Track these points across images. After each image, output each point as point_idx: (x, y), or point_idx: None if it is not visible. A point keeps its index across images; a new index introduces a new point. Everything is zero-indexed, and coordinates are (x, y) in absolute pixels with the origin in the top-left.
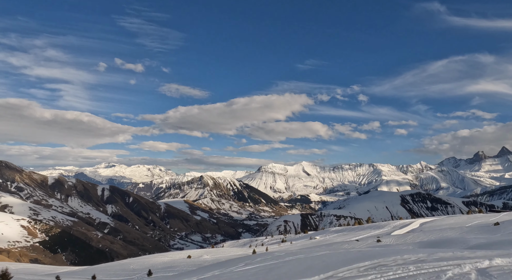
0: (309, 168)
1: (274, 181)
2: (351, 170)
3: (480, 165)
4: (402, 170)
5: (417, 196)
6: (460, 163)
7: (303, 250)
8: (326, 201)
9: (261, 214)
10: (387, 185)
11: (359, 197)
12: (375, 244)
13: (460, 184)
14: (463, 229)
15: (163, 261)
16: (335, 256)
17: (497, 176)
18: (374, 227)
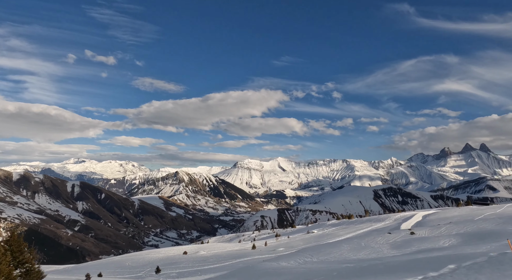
0: (284, 164)
1: (250, 176)
2: (325, 165)
3: (446, 161)
4: (374, 166)
5: (389, 190)
6: (428, 159)
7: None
8: (301, 196)
9: (237, 209)
10: (359, 180)
11: (334, 192)
12: (415, 236)
13: (427, 179)
14: (496, 220)
15: (158, 257)
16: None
17: (461, 171)
18: (373, 221)
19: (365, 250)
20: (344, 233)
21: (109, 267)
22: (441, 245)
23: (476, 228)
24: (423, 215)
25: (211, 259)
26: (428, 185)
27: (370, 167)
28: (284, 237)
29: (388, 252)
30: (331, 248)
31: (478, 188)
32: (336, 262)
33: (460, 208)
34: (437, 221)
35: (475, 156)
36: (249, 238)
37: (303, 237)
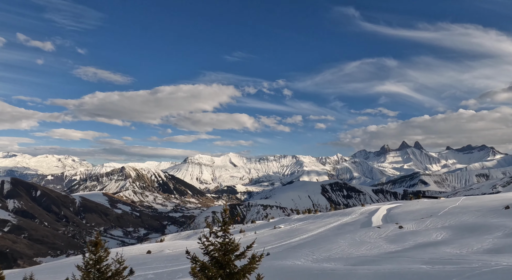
0: (236, 159)
1: (200, 172)
2: (275, 161)
3: (385, 157)
4: (321, 162)
5: (335, 185)
6: (369, 155)
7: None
8: (252, 192)
9: (187, 205)
10: (308, 175)
11: (284, 187)
12: (405, 231)
13: (369, 174)
14: (474, 213)
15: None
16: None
17: (398, 166)
18: (339, 215)
19: (364, 245)
20: (315, 228)
21: (66, 271)
22: (435, 239)
23: (459, 221)
24: (387, 209)
25: (182, 258)
26: (370, 180)
27: (317, 163)
28: (250, 233)
29: (388, 247)
30: (327, 243)
31: (412, 182)
32: (348, 259)
33: (419, 202)
34: (403, 214)
35: (410, 153)
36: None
37: (272, 233)
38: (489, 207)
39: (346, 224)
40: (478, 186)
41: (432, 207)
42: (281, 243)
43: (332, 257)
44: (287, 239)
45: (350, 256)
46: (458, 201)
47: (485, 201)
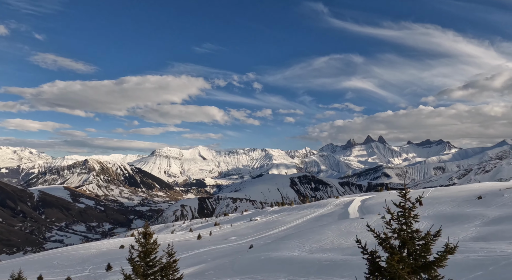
0: (205, 152)
1: (168, 165)
2: (245, 154)
3: (351, 151)
4: (290, 155)
5: (304, 178)
6: (336, 149)
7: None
8: (221, 185)
9: (155, 199)
10: (277, 168)
11: (254, 180)
12: (386, 220)
13: (336, 167)
14: (449, 203)
15: (92, 253)
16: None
17: (363, 160)
18: (315, 206)
19: (351, 236)
20: (292, 220)
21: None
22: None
23: (437, 211)
24: (361, 200)
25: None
26: (336, 173)
27: (286, 156)
28: (226, 225)
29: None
30: (315, 234)
31: (376, 175)
32: (342, 249)
33: (390, 193)
34: (379, 205)
35: (374, 147)
36: (181, 228)
37: (249, 225)
38: (462, 197)
39: (323, 215)
40: (436, 178)
41: (398, 199)
42: (260, 235)
43: (324, 248)
44: (265, 231)
45: (341, 246)
46: (428, 192)
47: (453, 192)
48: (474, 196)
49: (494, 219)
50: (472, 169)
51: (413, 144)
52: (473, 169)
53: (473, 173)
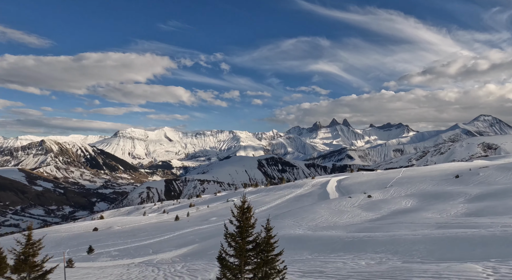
0: (171, 134)
1: (133, 146)
2: (212, 136)
3: (317, 133)
4: (258, 137)
5: (271, 160)
6: (303, 132)
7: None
8: (188, 167)
9: (119, 181)
10: (244, 150)
11: (221, 162)
12: (374, 199)
13: (302, 149)
14: (429, 182)
15: (62, 236)
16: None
17: (328, 142)
18: (291, 187)
19: (344, 214)
20: (272, 200)
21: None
22: (406, 206)
23: (419, 190)
24: (337, 180)
25: (141, 233)
26: (302, 155)
27: (254, 138)
28: (202, 206)
29: (367, 215)
30: (308, 213)
31: (340, 157)
32: (343, 227)
33: (364, 174)
34: (355, 185)
35: (339, 130)
36: (152, 210)
37: (227, 206)
38: (439, 176)
39: (302, 195)
40: (396, 160)
41: (379, 178)
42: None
43: (322, 226)
44: None
45: (337, 224)
46: (400, 173)
47: (425, 171)
48: (447, 175)
49: (476, 196)
50: (429, 151)
51: (375, 127)
52: (430, 151)
53: (429, 155)
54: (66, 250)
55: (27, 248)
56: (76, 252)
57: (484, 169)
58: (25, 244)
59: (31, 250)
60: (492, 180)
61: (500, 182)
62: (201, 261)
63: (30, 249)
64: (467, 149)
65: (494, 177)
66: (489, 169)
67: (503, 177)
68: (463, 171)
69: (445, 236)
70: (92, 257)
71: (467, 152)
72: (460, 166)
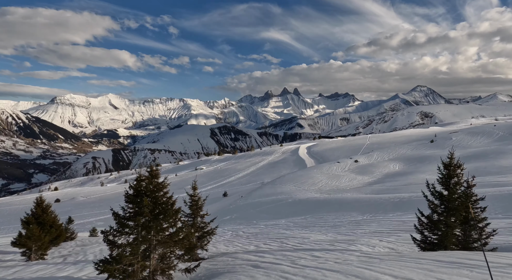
0: (116, 101)
1: (73, 114)
2: (161, 104)
3: (269, 102)
4: (209, 105)
5: (224, 128)
6: (255, 100)
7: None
8: (136, 136)
9: (60, 151)
10: (196, 119)
11: (172, 130)
12: (362, 164)
13: (254, 118)
14: (408, 147)
15: (21, 208)
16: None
17: (279, 111)
18: (261, 154)
19: (341, 178)
20: (245, 167)
21: None
22: (394, 169)
23: (400, 155)
24: (306, 147)
25: (115, 203)
26: (254, 124)
27: (205, 107)
28: (170, 175)
29: (363, 178)
30: (305, 178)
31: (291, 125)
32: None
33: (331, 141)
34: (328, 151)
35: (289, 99)
36: (109, 180)
37: (198, 174)
38: (411, 141)
39: (276, 162)
40: (345, 128)
41: (348, 145)
42: (220, 182)
43: (326, 189)
44: (221, 178)
45: (340, 187)
46: (367, 139)
47: (390, 138)
48: (415, 140)
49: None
50: (374, 120)
51: (323, 96)
52: (375, 120)
53: (375, 123)
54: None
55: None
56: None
57: (455, 134)
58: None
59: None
60: (465, 144)
61: (473, 145)
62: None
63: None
64: (407, 117)
65: (466, 141)
66: (459, 134)
67: (474, 141)
68: (425, 136)
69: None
70: (76, 228)
71: (407, 120)
72: (420, 132)
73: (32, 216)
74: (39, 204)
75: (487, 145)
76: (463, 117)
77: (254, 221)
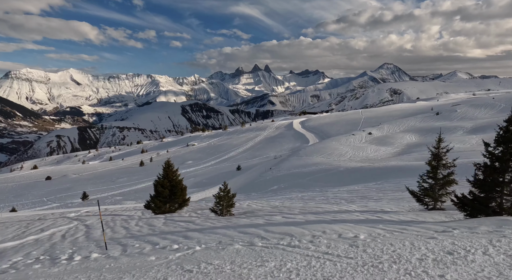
0: (79, 76)
1: (31, 90)
2: (128, 80)
3: (240, 79)
4: (179, 82)
5: (195, 106)
6: (225, 77)
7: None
8: (102, 113)
9: (18, 130)
10: (165, 95)
11: (142, 108)
12: (376, 136)
13: (225, 95)
14: (415, 119)
15: (12, 187)
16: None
17: (250, 88)
18: (255, 130)
19: (365, 149)
20: (241, 142)
21: None
22: (412, 140)
23: (410, 126)
24: (299, 122)
25: (118, 179)
26: (226, 101)
27: (175, 83)
28: (161, 151)
29: (387, 149)
30: (329, 150)
31: (263, 103)
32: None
33: (324, 115)
34: (325, 126)
35: (260, 76)
36: (88, 158)
37: (191, 150)
38: (410, 114)
39: (273, 137)
40: (318, 105)
41: (342, 120)
42: (222, 157)
43: (357, 159)
44: (221, 153)
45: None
46: (360, 113)
47: (383, 112)
48: (411, 114)
49: (474, 129)
50: (346, 97)
51: (294, 73)
52: (347, 97)
53: (347, 100)
54: (47, 198)
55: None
56: (64, 199)
57: (459, 107)
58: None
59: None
60: (472, 115)
61: (480, 116)
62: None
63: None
64: (377, 94)
65: (471, 113)
66: (462, 107)
67: (479, 113)
68: (419, 110)
69: None
70: (88, 203)
71: (377, 97)
72: (410, 107)
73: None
74: (169, 167)
75: (494, 116)
76: (429, 94)
77: (317, 189)
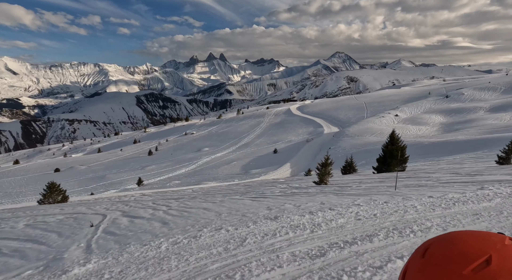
0: (14, 65)
1: None
2: (73, 69)
3: (194, 68)
4: (130, 71)
5: (151, 96)
6: (180, 66)
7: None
8: (46, 105)
9: None
10: (115, 85)
11: (92, 99)
12: (403, 117)
13: (180, 84)
14: (427, 102)
15: (27, 179)
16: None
17: (206, 77)
18: (253, 117)
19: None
20: (247, 129)
21: None
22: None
23: (427, 108)
24: (297, 108)
25: (148, 167)
26: (181, 90)
27: (125, 73)
28: (161, 140)
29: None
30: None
31: (220, 92)
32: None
33: (321, 101)
34: (328, 111)
35: (216, 65)
36: (62, 151)
37: (193, 138)
38: (409, 100)
39: (280, 123)
40: (280, 93)
41: (342, 105)
42: (241, 143)
43: (412, 137)
44: (235, 140)
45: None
46: (354, 99)
47: (378, 96)
48: (410, 99)
49: (494, 108)
50: (306, 85)
51: (249, 62)
52: (307, 85)
53: (307, 88)
54: (82, 187)
55: None
56: (110, 186)
57: (465, 90)
58: None
59: None
60: (481, 97)
61: (487, 98)
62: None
63: None
64: (336, 82)
65: (479, 95)
66: (468, 89)
67: (485, 95)
68: (412, 95)
69: None
70: (142, 190)
71: (336, 85)
72: (406, 91)
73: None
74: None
75: (500, 97)
76: (382, 81)
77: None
